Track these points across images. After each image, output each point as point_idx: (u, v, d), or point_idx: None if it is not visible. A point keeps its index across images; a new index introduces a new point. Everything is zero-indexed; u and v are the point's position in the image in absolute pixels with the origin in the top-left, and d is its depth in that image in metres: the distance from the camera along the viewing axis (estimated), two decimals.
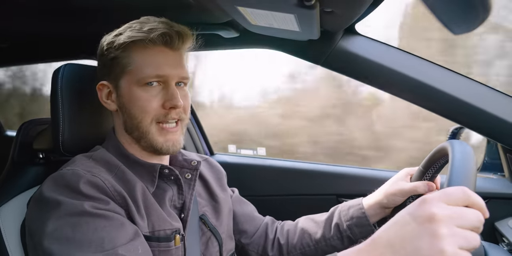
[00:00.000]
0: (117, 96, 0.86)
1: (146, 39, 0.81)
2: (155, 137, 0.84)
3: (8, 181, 0.95)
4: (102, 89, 0.88)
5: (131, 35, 0.82)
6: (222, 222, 0.98)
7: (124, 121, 0.87)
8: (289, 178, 1.52)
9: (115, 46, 0.83)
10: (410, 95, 1.04)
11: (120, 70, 0.84)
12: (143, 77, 0.82)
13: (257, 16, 0.84)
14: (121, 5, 0.97)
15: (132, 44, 0.82)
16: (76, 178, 0.75)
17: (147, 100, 0.82)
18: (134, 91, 0.83)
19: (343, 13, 0.84)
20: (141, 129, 0.84)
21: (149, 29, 0.81)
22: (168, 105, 0.83)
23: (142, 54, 0.83)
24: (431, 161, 0.88)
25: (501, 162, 1.21)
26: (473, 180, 0.64)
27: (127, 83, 0.84)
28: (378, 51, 1.04)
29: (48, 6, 0.98)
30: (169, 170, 0.88)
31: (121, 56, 0.83)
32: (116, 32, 0.85)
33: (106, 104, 0.88)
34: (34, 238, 0.72)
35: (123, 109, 0.85)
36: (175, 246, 0.82)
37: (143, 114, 0.83)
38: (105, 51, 0.85)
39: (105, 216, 0.71)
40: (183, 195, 0.90)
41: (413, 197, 0.94)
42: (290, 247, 1.03)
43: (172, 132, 0.85)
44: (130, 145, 0.89)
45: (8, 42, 1.39)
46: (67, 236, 0.68)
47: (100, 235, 0.69)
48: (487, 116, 0.97)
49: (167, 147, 0.85)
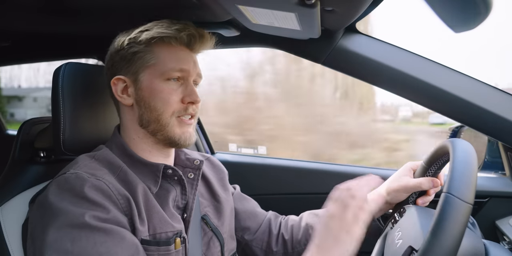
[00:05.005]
0: (136, 90, 0.87)
1: (174, 37, 0.86)
2: (174, 128, 0.86)
3: (9, 179, 0.95)
4: (117, 84, 0.88)
5: (161, 31, 0.85)
6: (224, 222, 0.98)
7: (140, 115, 0.87)
8: (290, 177, 1.52)
9: (140, 40, 0.86)
10: (411, 93, 1.04)
11: (141, 64, 0.86)
12: (167, 70, 0.85)
13: (257, 14, 0.84)
14: (122, 4, 0.97)
15: (159, 40, 0.85)
16: (80, 182, 0.75)
17: (169, 93, 0.85)
18: (156, 84, 0.85)
19: (344, 11, 0.84)
20: (161, 121, 0.86)
21: (178, 28, 0.86)
22: (187, 99, 0.86)
23: (167, 50, 0.87)
24: (433, 157, 0.88)
25: (502, 161, 1.21)
26: (474, 181, 0.64)
27: (148, 76, 0.86)
28: (379, 49, 1.04)
29: (49, 6, 0.98)
30: (173, 170, 0.88)
31: (144, 50, 0.86)
32: (141, 28, 0.87)
33: (121, 98, 0.88)
34: (35, 244, 0.73)
35: (142, 103, 0.86)
36: (175, 250, 0.82)
37: (165, 106, 0.85)
38: (126, 45, 0.87)
39: (105, 230, 0.71)
40: (186, 195, 0.90)
41: (416, 193, 0.94)
42: (295, 243, 1.03)
43: (188, 124, 0.88)
44: (137, 144, 0.89)
45: (9, 41, 1.39)
46: (66, 249, 0.68)
47: (99, 251, 0.69)
48: (488, 115, 0.97)
49: (185, 139, 0.87)
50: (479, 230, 0.84)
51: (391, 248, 0.78)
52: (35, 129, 1.02)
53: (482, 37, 5.55)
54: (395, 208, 0.95)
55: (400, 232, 0.78)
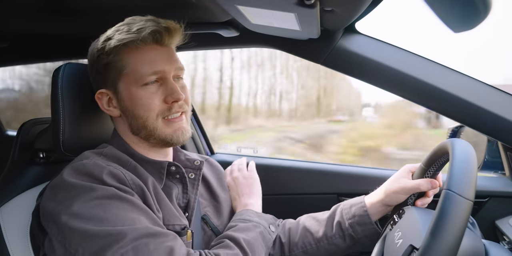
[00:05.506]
0: (118, 101, 0.86)
1: (137, 40, 0.82)
2: (163, 130, 0.85)
3: (9, 180, 0.95)
4: (101, 98, 0.88)
5: (121, 37, 0.82)
6: (223, 222, 0.99)
7: (129, 124, 0.87)
8: (289, 177, 1.52)
9: (107, 51, 0.83)
10: (410, 93, 1.04)
11: (116, 74, 0.84)
12: (140, 77, 0.83)
13: (257, 15, 0.84)
14: (122, 5, 0.97)
15: (124, 46, 0.82)
16: (99, 169, 0.76)
17: (149, 98, 0.83)
18: (134, 92, 0.83)
19: (343, 12, 0.84)
20: (148, 127, 0.85)
21: (138, 29, 0.82)
22: (170, 99, 0.84)
23: (135, 54, 0.83)
24: (432, 159, 0.88)
25: (502, 161, 1.21)
26: (474, 178, 0.64)
27: (125, 85, 0.84)
28: (379, 49, 1.04)
29: (48, 6, 0.98)
30: (176, 167, 0.89)
31: (115, 60, 0.84)
32: (104, 37, 0.85)
33: (109, 111, 0.89)
34: (60, 220, 0.73)
35: (127, 112, 0.86)
36: (187, 241, 0.83)
37: (148, 112, 0.84)
38: (97, 57, 0.85)
39: (132, 202, 0.75)
40: (187, 194, 0.91)
41: (415, 195, 0.94)
42: (292, 246, 1.03)
43: (177, 121, 0.87)
44: (137, 145, 0.90)
45: (8, 42, 1.39)
46: (101, 216, 0.71)
47: (131, 216, 0.72)
48: (488, 115, 0.97)
49: (177, 137, 0.86)
50: (479, 230, 0.84)
51: (391, 248, 0.78)
52: (35, 130, 1.02)
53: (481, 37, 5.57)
54: (394, 210, 0.95)
55: (400, 233, 0.78)
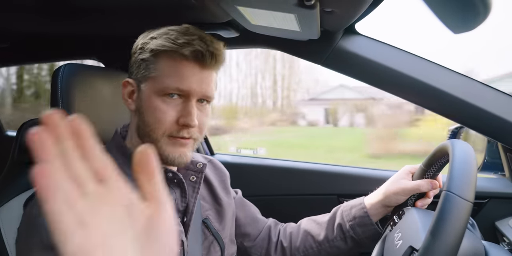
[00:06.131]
0: (137, 98, 0.83)
1: (176, 51, 0.78)
2: (165, 147, 0.81)
3: (8, 181, 0.95)
4: (126, 86, 0.85)
5: (163, 43, 0.79)
6: (225, 226, 0.97)
7: (137, 125, 0.84)
8: (289, 178, 1.52)
9: (147, 49, 0.81)
10: (410, 94, 1.04)
11: (145, 73, 0.81)
12: (163, 87, 0.79)
13: (257, 15, 0.84)
14: (121, 5, 0.97)
15: (164, 52, 0.79)
16: None
17: (164, 112, 0.79)
18: (153, 100, 0.80)
19: (343, 12, 0.84)
20: (151, 137, 0.81)
21: (183, 42, 0.77)
22: (182, 122, 0.79)
23: (170, 64, 0.79)
24: (432, 159, 0.88)
25: (502, 162, 1.21)
26: (474, 180, 0.64)
27: (148, 89, 0.81)
28: (379, 50, 1.04)
29: (48, 6, 0.98)
30: (173, 174, 0.86)
31: (150, 60, 0.81)
32: (153, 34, 0.82)
33: (127, 102, 0.85)
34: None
35: (139, 113, 0.83)
36: None
37: (156, 124, 0.80)
38: (139, 49, 0.83)
39: None
40: (186, 198, 0.88)
41: (415, 196, 0.94)
42: (293, 250, 1.02)
43: (182, 144, 0.81)
44: (137, 147, 0.87)
45: (8, 42, 1.39)
46: None
47: None
48: (488, 116, 0.97)
49: (173, 157, 0.81)
50: (478, 231, 0.84)
51: (391, 249, 0.78)
52: None
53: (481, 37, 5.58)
54: (394, 211, 0.95)
55: (399, 234, 0.78)
